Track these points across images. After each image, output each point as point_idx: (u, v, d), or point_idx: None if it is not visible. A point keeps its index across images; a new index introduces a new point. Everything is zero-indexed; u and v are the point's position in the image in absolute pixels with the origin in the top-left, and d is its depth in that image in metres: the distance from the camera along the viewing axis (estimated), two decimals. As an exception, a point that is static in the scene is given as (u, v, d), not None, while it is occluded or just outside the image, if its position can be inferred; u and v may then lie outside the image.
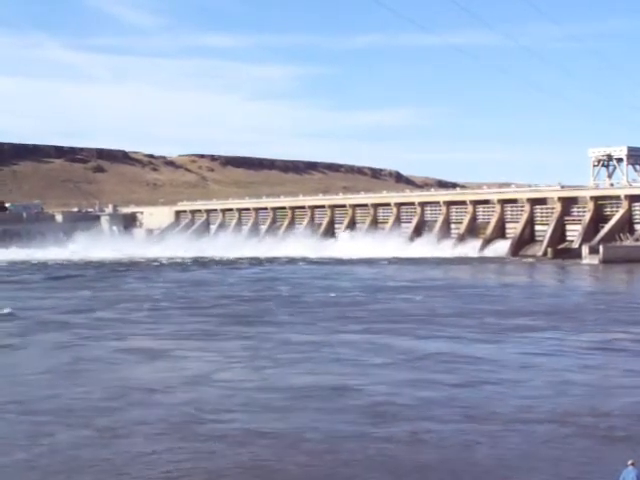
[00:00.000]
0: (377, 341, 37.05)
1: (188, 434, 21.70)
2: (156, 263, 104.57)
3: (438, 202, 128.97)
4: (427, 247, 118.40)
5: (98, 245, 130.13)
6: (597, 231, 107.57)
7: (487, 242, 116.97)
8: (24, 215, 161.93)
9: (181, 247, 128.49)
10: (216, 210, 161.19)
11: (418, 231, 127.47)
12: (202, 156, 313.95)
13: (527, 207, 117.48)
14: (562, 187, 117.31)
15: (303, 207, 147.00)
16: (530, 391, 26.73)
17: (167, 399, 26.21)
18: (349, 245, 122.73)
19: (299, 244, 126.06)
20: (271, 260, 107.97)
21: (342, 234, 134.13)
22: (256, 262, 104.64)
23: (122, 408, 24.95)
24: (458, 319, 44.54)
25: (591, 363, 31.80)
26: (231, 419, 23.34)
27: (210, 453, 20.02)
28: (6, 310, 49.44)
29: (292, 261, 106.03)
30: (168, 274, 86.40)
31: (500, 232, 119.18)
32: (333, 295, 60.00)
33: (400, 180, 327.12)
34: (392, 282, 72.55)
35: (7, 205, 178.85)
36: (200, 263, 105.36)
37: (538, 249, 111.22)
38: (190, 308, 51.88)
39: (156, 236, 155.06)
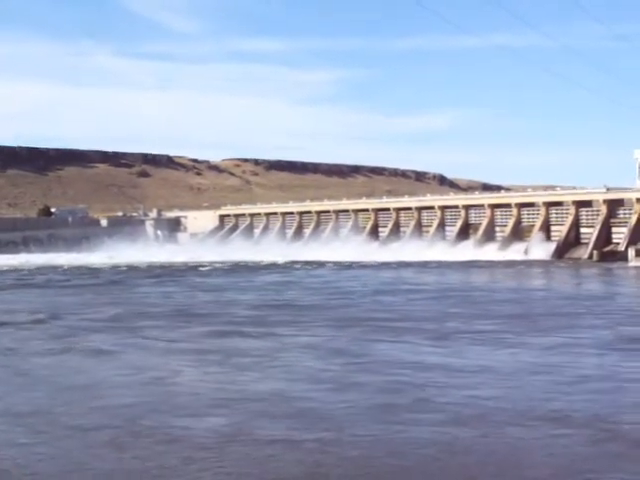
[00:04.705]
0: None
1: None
2: (201, 268, 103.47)
3: (482, 205, 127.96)
4: (471, 250, 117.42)
5: (140, 249, 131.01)
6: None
7: (532, 245, 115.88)
8: (69, 220, 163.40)
9: (224, 251, 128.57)
10: (260, 214, 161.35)
11: (462, 234, 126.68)
12: (246, 160, 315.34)
13: (572, 210, 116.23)
14: (608, 189, 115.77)
15: (347, 211, 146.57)
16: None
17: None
18: (392, 249, 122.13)
19: (343, 248, 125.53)
20: (309, 264, 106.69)
21: (385, 238, 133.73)
22: (291, 266, 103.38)
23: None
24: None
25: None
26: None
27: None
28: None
29: (332, 265, 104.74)
30: (195, 278, 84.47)
31: (545, 235, 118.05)
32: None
33: (444, 183, 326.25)
34: (407, 285, 70.74)
35: (53, 210, 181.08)
36: (239, 267, 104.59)
37: (583, 252, 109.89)
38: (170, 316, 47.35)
39: (199, 240, 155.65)
